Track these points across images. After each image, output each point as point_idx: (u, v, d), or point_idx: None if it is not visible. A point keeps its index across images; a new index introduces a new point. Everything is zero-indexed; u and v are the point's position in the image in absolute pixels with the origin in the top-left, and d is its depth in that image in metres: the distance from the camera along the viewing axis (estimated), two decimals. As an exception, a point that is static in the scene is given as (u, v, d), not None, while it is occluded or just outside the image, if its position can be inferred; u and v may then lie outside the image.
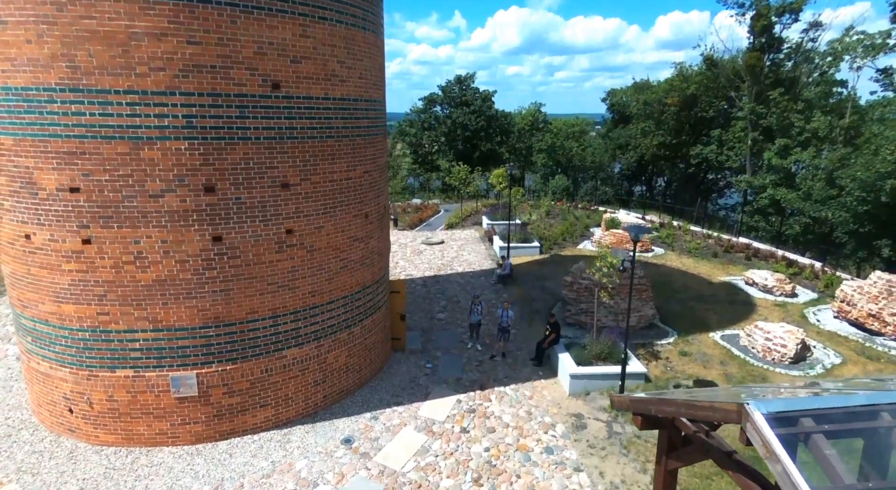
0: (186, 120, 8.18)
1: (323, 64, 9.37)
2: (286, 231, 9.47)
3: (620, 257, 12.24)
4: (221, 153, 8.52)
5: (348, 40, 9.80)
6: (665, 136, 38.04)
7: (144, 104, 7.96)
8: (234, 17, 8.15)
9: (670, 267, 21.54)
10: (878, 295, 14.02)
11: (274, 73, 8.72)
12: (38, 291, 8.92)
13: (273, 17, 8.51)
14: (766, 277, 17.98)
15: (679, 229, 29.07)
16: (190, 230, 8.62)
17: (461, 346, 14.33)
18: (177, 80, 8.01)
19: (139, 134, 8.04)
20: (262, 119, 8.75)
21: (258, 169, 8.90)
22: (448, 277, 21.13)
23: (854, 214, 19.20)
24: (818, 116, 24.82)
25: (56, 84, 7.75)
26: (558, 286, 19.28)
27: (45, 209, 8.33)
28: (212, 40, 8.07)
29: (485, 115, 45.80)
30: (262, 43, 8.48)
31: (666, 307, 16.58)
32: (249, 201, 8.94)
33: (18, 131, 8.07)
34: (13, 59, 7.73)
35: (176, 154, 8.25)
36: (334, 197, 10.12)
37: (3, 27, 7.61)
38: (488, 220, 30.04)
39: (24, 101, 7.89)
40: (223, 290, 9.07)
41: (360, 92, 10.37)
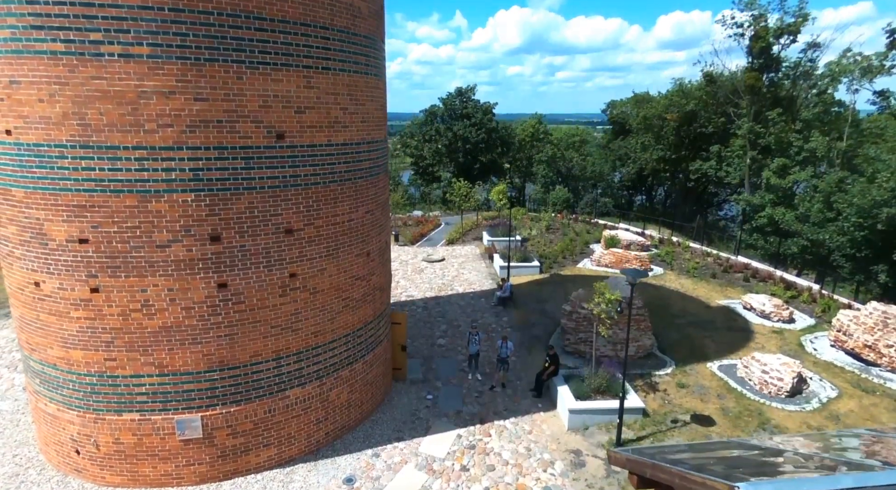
0: (193, 173, 8.38)
1: (326, 112, 9.57)
2: (290, 275, 9.65)
3: (619, 294, 12.40)
4: (227, 203, 8.72)
5: (351, 87, 10.02)
6: (665, 150, 38.27)
7: (152, 159, 8.16)
8: (240, 74, 8.36)
9: (669, 288, 21.69)
10: (873, 326, 14.18)
11: (279, 124, 8.93)
12: (46, 336, 9.11)
13: (278, 71, 8.72)
14: (763, 303, 18.14)
15: (678, 246, 29.24)
16: (196, 278, 8.80)
17: (461, 375, 14.48)
18: (184, 136, 8.21)
19: (147, 187, 8.24)
20: (266, 169, 8.95)
21: (262, 217, 9.10)
22: (448, 299, 21.29)
23: (851, 239, 19.37)
24: (816, 136, 25.03)
25: (67, 140, 7.95)
26: (558, 309, 19.44)
27: (55, 259, 8.53)
28: (218, 96, 8.27)
29: (485, 127, 46.06)
30: (267, 96, 8.69)
31: (664, 334, 16.74)
32: (254, 248, 9.13)
33: (30, 184, 8.27)
34: (26, 116, 7.93)
35: (183, 206, 8.44)
36: (337, 239, 10.31)
37: (17, 87, 7.82)
38: (489, 237, 30.22)
39: (36, 156, 8.09)
40: (228, 335, 9.25)
41: (363, 135, 10.58)
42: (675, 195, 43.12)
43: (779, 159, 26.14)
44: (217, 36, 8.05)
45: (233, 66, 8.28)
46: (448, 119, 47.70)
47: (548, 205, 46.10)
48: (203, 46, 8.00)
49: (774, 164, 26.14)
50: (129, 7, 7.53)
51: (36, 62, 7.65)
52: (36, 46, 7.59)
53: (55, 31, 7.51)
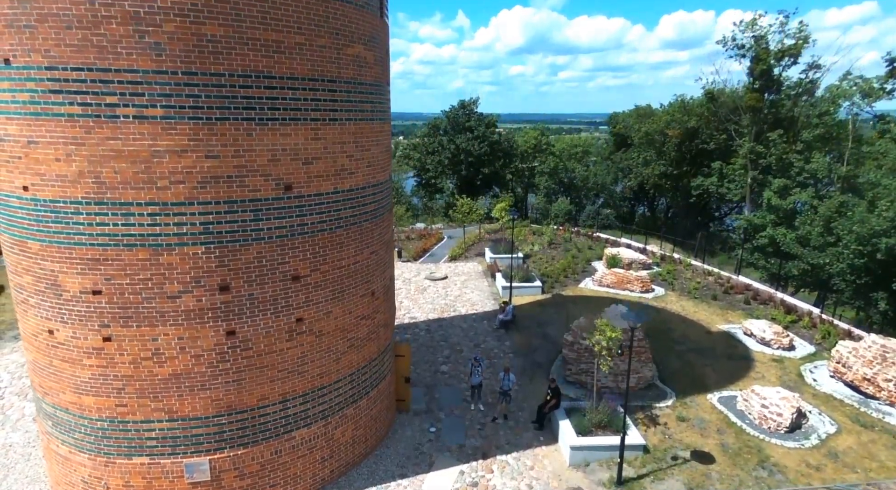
0: (203, 226, 8.61)
1: (333, 161, 9.81)
2: (296, 320, 9.86)
3: (619, 331, 12.56)
4: (236, 254, 8.94)
5: (357, 135, 10.25)
6: (666, 166, 38.48)
7: (164, 214, 8.39)
8: (250, 130, 8.60)
9: (670, 311, 21.82)
10: (872, 359, 14.31)
11: (287, 176, 9.16)
12: (59, 382, 9.33)
13: (287, 126, 8.96)
14: (764, 329, 18.27)
15: (680, 264, 29.38)
16: (205, 326, 9.02)
17: (464, 405, 14.65)
18: (195, 191, 8.44)
19: (159, 241, 8.47)
20: (274, 219, 9.18)
21: (270, 265, 9.32)
22: (451, 321, 21.48)
23: (850, 265, 19.51)
24: (817, 157, 25.18)
25: (82, 197, 8.19)
26: (559, 333, 19.60)
27: (69, 309, 8.76)
28: (229, 153, 8.51)
29: (488, 140, 46.33)
30: (276, 150, 8.93)
31: (665, 362, 16.89)
32: (262, 296, 9.35)
33: (45, 238, 8.51)
34: (43, 174, 8.18)
35: (193, 258, 8.67)
36: (342, 282, 10.53)
37: (35, 146, 8.07)
38: (491, 254, 30.40)
39: (52, 211, 8.34)
40: (236, 380, 9.46)
41: (368, 179, 10.80)
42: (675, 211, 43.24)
43: (779, 180, 26.31)
44: (228, 96, 8.29)
45: (243, 124, 8.51)
46: (451, 131, 48.00)
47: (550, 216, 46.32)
48: (215, 106, 8.24)
49: (775, 185, 26.33)
50: (144, 72, 7.78)
51: (53, 124, 7.90)
52: (54, 109, 7.84)
53: (73, 94, 7.76)
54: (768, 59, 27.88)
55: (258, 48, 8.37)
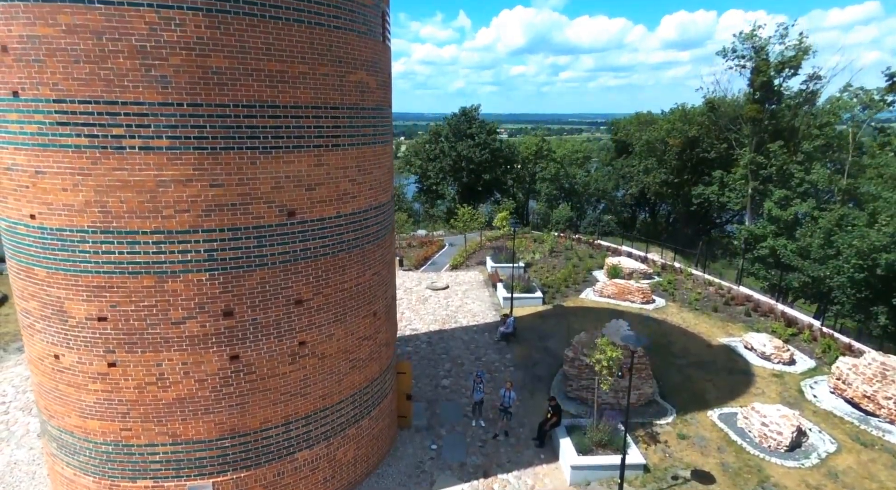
0: (208, 254, 8.71)
1: (336, 186, 9.90)
2: (299, 343, 9.95)
3: (620, 351, 12.62)
4: (239, 280, 9.04)
5: (360, 159, 10.35)
6: (667, 174, 38.57)
7: (169, 242, 8.49)
8: (254, 159, 8.70)
9: (671, 323, 21.88)
10: (872, 377, 14.35)
11: (290, 203, 9.26)
12: (64, 405, 9.43)
13: (290, 153, 9.06)
14: (764, 343, 18.31)
15: (681, 273, 29.44)
16: (209, 351, 9.11)
17: (465, 421, 14.72)
18: (200, 219, 8.54)
19: (164, 268, 8.57)
20: (278, 245, 9.27)
21: (273, 290, 9.41)
22: (452, 333, 21.55)
23: (850, 278, 19.57)
24: (817, 168, 25.24)
25: (88, 226, 8.30)
26: (560, 346, 19.68)
27: (74, 335, 8.86)
28: (233, 181, 8.61)
29: (489, 147, 46.45)
30: (279, 178, 9.03)
31: (666, 377, 16.94)
32: (265, 321, 9.44)
33: (52, 265, 8.62)
34: (50, 203, 8.29)
35: (197, 285, 8.76)
36: (345, 304, 10.61)
37: (42, 176, 8.19)
38: (492, 263, 30.48)
39: (59, 240, 8.44)
40: (239, 404, 9.54)
41: (370, 202, 10.90)
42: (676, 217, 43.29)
43: (780, 191, 26.37)
44: (233, 126, 8.40)
45: (247, 153, 8.62)
46: (452, 138, 48.14)
47: (551, 222, 46.40)
48: (219, 136, 8.34)
49: (776, 196, 26.38)
50: (151, 104, 7.89)
51: (61, 155, 8.01)
52: (61, 140, 7.95)
53: (80, 126, 7.87)
54: (768, 70, 27.99)
55: (262, 79, 8.48)
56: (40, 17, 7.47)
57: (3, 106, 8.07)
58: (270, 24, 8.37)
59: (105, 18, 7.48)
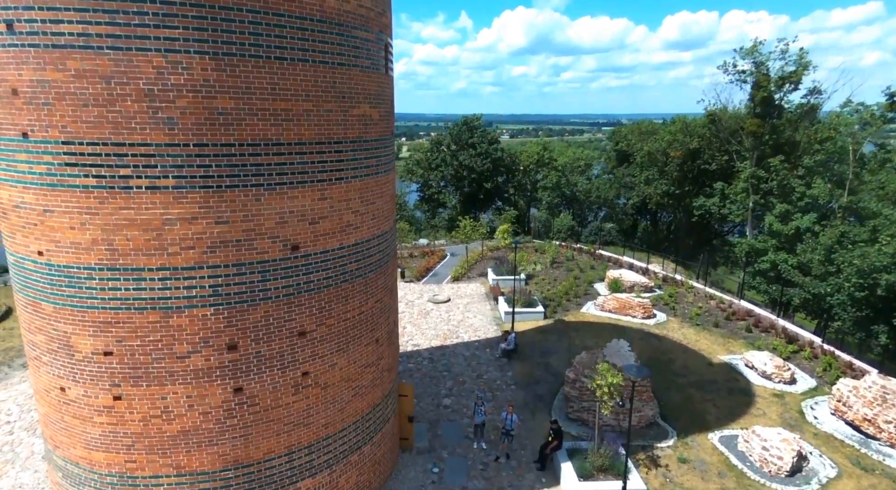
0: (213, 289, 8.81)
1: (339, 218, 10.01)
2: (302, 374, 10.04)
3: (621, 377, 12.68)
4: (244, 314, 9.14)
5: (362, 190, 10.46)
6: (668, 185, 38.68)
7: (175, 278, 8.60)
8: (258, 196, 8.82)
9: (671, 340, 21.92)
10: (872, 400, 14.39)
11: (294, 237, 9.37)
12: (70, 437, 9.53)
13: (294, 189, 9.18)
14: (765, 362, 18.35)
15: (682, 286, 29.48)
16: (213, 384, 9.21)
17: (466, 443, 14.78)
18: (205, 256, 8.65)
19: (169, 304, 8.67)
20: (281, 279, 9.38)
21: (277, 323, 9.51)
22: (454, 349, 21.62)
23: (851, 297, 19.63)
24: (818, 183, 25.33)
25: (95, 263, 8.42)
26: (561, 364, 19.75)
27: (80, 369, 8.96)
28: (238, 218, 8.73)
29: (491, 156, 46.61)
30: (283, 213, 9.14)
31: (666, 397, 16.98)
32: (269, 353, 9.53)
33: (59, 301, 8.73)
34: (57, 241, 8.41)
35: (202, 320, 8.87)
36: (347, 333, 10.71)
37: (50, 214, 8.31)
38: (494, 275, 30.56)
39: (66, 276, 8.56)
40: (242, 435, 9.63)
41: (373, 232, 11.00)
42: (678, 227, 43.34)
43: (780, 205, 26.44)
44: (238, 164, 8.52)
45: (252, 190, 8.73)
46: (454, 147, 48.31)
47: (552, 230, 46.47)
48: (225, 175, 8.46)
49: (776, 210, 26.45)
50: (158, 145, 8.02)
51: (69, 194, 8.14)
52: (69, 180, 8.08)
53: (88, 167, 8.00)
54: (769, 86, 28.10)
55: (267, 118, 8.61)
56: (50, 62, 7.60)
57: (13, 146, 8.21)
58: (276, 64, 8.50)
59: (114, 63, 7.62)
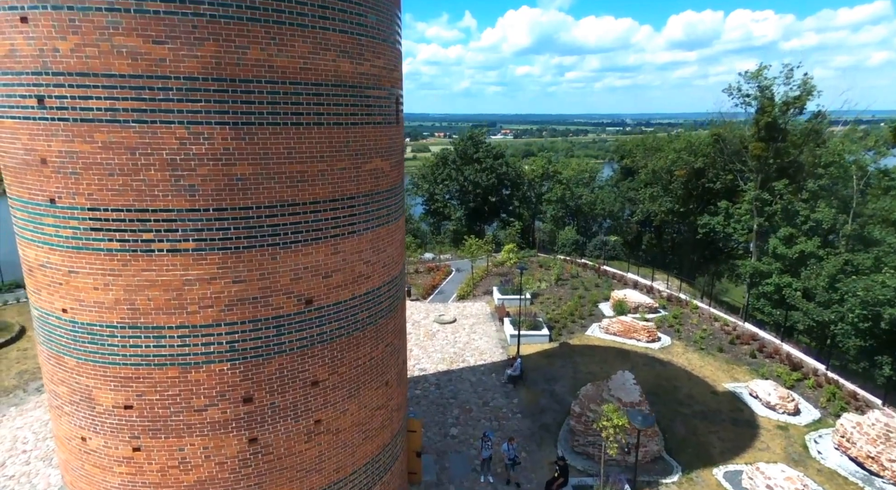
0: (229, 345, 9.09)
1: (351, 270, 10.28)
2: (315, 422, 10.29)
3: (626, 419, 12.87)
4: (259, 368, 9.41)
5: (374, 241, 10.73)
6: (673, 203, 38.82)
7: (193, 336, 8.88)
8: (274, 254, 9.10)
9: (676, 366, 22.08)
10: (876, 438, 14.51)
11: (308, 292, 9.64)
12: (90, 485, 9.81)
13: (308, 246, 9.45)
14: (769, 392, 18.48)
15: (686, 306, 29.63)
16: (229, 436, 9.47)
17: (474, 476, 14.99)
18: (223, 313, 8.93)
19: (188, 360, 8.95)
20: (295, 332, 9.64)
21: (291, 375, 9.77)
22: (460, 374, 21.85)
23: (854, 327, 19.75)
24: (823, 207, 25.47)
25: (117, 322, 8.71)
26: (567, 390, 19.96)
27: (101, 421, 9.25)
28: (254, 277, 9.01)
29: (496, 172, 46.90)
30: (298, 269, 9.41)
31: (671, 428, 17.14)
32: (283, 404, 9.79)
33: (81, 356, 9.03)
34: (81, 300, 8.72)
35: (219, 374, 9.14)
36: (358, 379, 10.96)
37: (75, 275, 8.62)
38: (499, 295, 30.80)
39: (89, 333, 8.86)
40: (257, 483, 9.88)
41: (383, 279, 11.26)
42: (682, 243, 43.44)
43: (785, 228, 26.57)
44: (255, 226, 8.80)
45: (268, 250, 9.01)
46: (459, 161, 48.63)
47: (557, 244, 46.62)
48: (242, 236, 8.74)
49: (781, 233, 26.58)
50: (179, 210, 8.31)
51: (93, 257, 8.44)
52: (94, 244, 8.38)
53: (112, 232, 8.30)
54: (773, 111, 28.31)
55: (284, 180, 8.89)
56: (79, 135, 7.93)
57: (41, 210, 8.53)
58: (292, 129, 8.79)
59: (139, 136, 7.93)
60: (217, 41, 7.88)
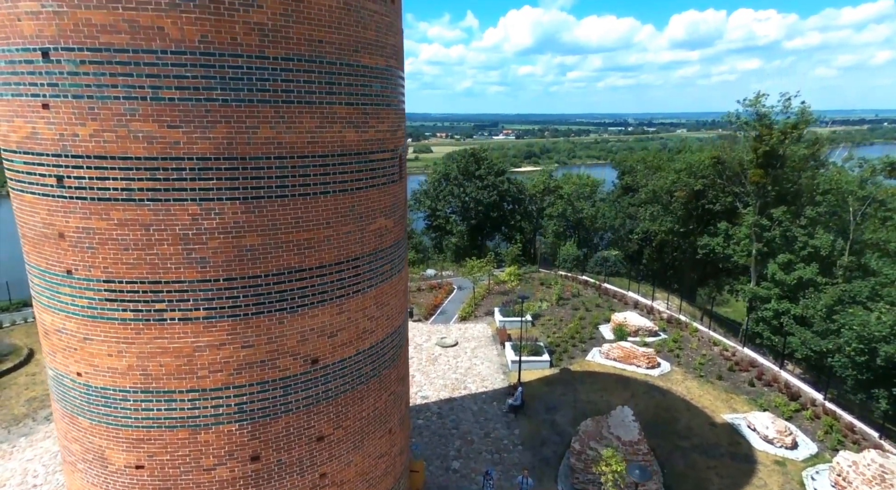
0: (238, 407, 9.38)
1: (355, 327, 10.58)
2: (320, 476, 10.57)
3: (624, 466, 13.11)
4: (266, 428, 9.70)
5: (377, 297, 11.03)
6: (673, 223, 39.11)
7: (203, 399, 9.18)
8: (282, 319, 9.40)
9: (675, 394, 22.28)
10: (871, 479, 14.71)
11: (314, 352, 9.93)
12: (102, 538, 10.09)
13: (314, 309, 9.75)
14: (767, 425, 18.68)
15: (686, 328, 29.83)
16: (237, 492, 9.75)
17: (474, 515, 15.24)
18: (231, 377, 9.23)
19: (198, 422, 9.25)
20: (301, 391, 9.93)
21: (297, 432, 10.06)
22: (462, 402, 22.08)
23: (851, 360, 19.98)
24: (821, 233, 25.71)
25: (130, 387, 9.02)
26: (567, 421, 20.19)
27: (113, 480, 9.54)
28: (262, 341, 9.31)
29: (498, 189, 47.24)
30: (304, 332, 9.71)
31: (670, 463, 17.35)
32: (289, 460, 10.07)
33: (95, 418, 9.33)
34: (96, 365, 9.02)
35: (227, 435, 9.43)
36: (362, 431, 11.23)
37: (90, 342, 8.93)
38: (501, 316, 31.04)
39: (102, 397, 9.16)
40: (263, 537, 10.15)
41: (386, 331, 11.56)
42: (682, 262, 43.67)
43: (783, 255, 26.82)
44: (263, 293, 9.11)
45: (276, 315, 9.32)
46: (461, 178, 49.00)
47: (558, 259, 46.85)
48: (251, 303, 9.05)
49: (780, 259, 26.83)
50: (191, 281, 8.63)
51: (108, 326, 8.76)
52: (108, 313, 8.70)
53: (126, 302, 8.62)
54: (771, 140, 28.64)
55: (291, 248, 9.21)
56: (95, 212, 8.25)
57: (58, 280, 8.86)
58: (299, 200, 9.12)
59: (153, 213, 8.25)
60: (229, 123, 8.21)
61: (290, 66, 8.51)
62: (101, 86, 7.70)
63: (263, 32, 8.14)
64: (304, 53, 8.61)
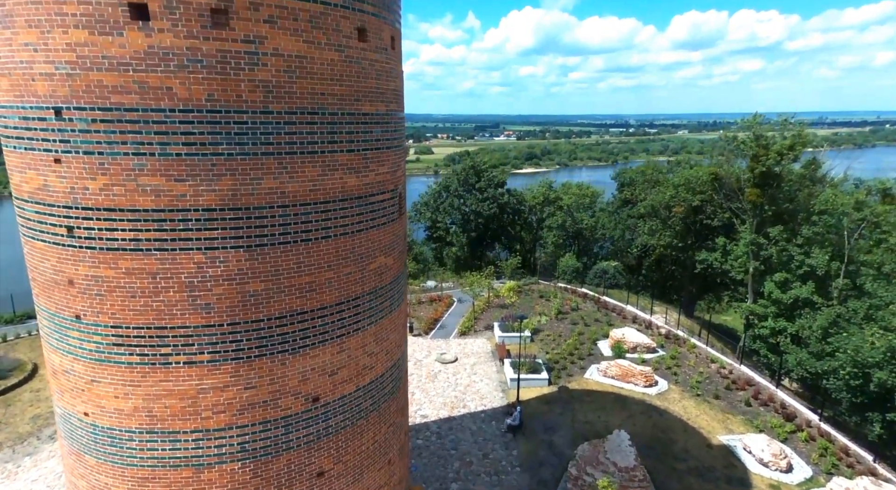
0: (240, 446, 9.62)
1: (356, 364, 10.82)
2: (320, 510, 10.79)
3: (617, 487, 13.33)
4: (268, 465, 9.93)
5: (377, 333, 11.27)
6: (671, 238, 39.40)
7: (206, 439, 9.42)
8: (283, 360, 9.65)
9: (672, 415, 22.48)
10: (864, 506, 14.91)
11: (315, 391, 10.17)
12: (106, 572, 10.31)
13: (315, 349, 10.00)
14: (762, 448, 18.87)
15: (684, 344, 30.06)
16: (239, 528, 9.98)
17: (472, 540, 15.44)
18: (234, 417, 9.48)
19: (201, 461, 9.49)
20: (303, 429, 10.16)
21: (298, 469, 10.29)
22: (461, 421, 22.30)
23: (846, 384, 20.20)
24: (817, 252, 25.97)
25: (136, 427, 9.26)
26: (565, 442, 20.38)
27: (119, 516, 9.77)
28: (265, 382, 9.55)
29: (498, 201, 47.54)
30: (306, 371, 9.96)
31: (666, 487, 17.53)
32: (290, 496, 10.30)
33: (101, 456, 9.58)
34: (102, 406, 9.27)
35: (230, 473, 9.67)
36: (362, 464, 11.46)
37: (97, 384, 9.19)
38: (500, 332, 31.28)
39: (108, 436, 9.41)
40: (264, 571, 10.37)
41: (386, 365, 11.80)
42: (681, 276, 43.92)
43: (780, 273, 27.08)
44: (266, 336, 9.36)
45: (278, 356, 9.57)
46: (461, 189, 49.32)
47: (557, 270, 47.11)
48: (254, 346, 9.30)
49: (776, 277, 27.09)
50: (195, 326, 8.88)
51: (115, 369, 9.01)
52: (115, 357, 8.95)
53: (132, 347, 8.87)
54: (767, 161, 28.95)
55: (293, 292, 9.46)
56: (104, 262, 8.52)
57: (67, 324, 9.12)
58: (301, 246, 9.38)
59: (160, 262, 8.52)
60: (234, 176, 8.49)
61: (294, 119, 8.78)
62: (111, 143, 7.98)
63: (268, 89, 8.42)
64: (306, 106, 8.90)
